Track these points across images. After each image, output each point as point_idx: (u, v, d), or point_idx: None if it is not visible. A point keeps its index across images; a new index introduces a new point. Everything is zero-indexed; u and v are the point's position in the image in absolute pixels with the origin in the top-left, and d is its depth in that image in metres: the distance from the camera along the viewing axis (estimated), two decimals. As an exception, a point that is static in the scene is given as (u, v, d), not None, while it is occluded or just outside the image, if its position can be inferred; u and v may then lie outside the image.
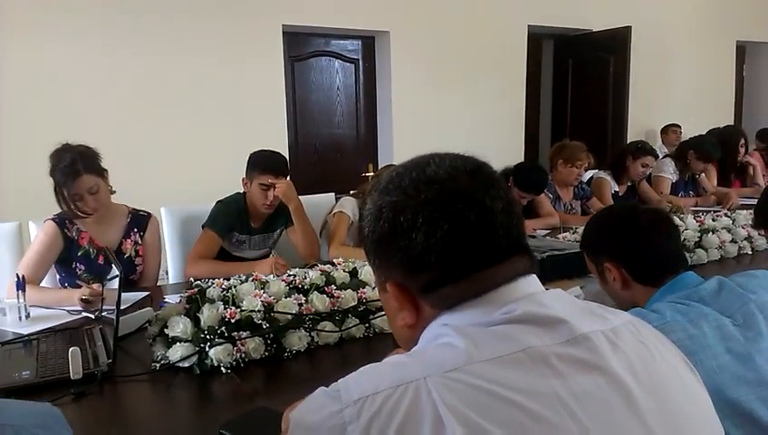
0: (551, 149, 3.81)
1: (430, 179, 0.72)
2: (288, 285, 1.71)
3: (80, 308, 1.95)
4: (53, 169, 2.14)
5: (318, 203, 2.94)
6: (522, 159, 5.25)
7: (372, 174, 4.78)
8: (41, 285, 2.17)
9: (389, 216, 0.72)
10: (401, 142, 4.91)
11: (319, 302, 1.67)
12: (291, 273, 1.79)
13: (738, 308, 1.15)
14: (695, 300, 1.17)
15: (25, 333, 1.76)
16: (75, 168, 2.13)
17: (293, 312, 1.62)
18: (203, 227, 2.51)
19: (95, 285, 2.00)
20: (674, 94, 6.54)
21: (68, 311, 1.95)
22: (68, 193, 2.13)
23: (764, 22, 7.20)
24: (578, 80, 6.05)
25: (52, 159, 2.15)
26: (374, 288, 1.73)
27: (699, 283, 1.23)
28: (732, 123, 6.96)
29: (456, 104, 5.12)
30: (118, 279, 1.53)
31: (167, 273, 2.78)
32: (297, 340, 1.58)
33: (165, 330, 1.55)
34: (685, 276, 1.27)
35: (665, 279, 1.28)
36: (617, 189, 3.82)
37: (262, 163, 2.50)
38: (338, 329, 1.66)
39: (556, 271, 1.77)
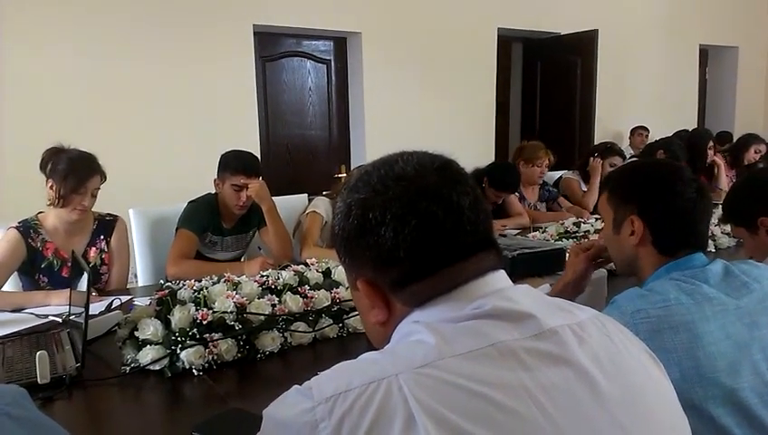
0: (513, 152, 3.89)
1: (398, 176, 0.73)
2: (261, 286, 1.71)
3: (48, 312, 1.90)
4: (62, 159, 2.11)
5: (290, 204, 2.92)
6: (492, 158, 5.31)
7: (345, 175, 4.78)
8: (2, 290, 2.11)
9: (358, 213, 0.73)
10: (374, 143, 4.92)
11: (292, 302, 1.67)
12: (264, 273, 1.79)
13: (742, 295, 1.13)
14: (700, 280, 1.14)
15: (-10, 337, 1.72)
16: (94, 165, 2.16)
17: (266, 313, 1.61)
18: (177, 228, 2.45)
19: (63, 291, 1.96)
20: (639, 96, 6.69)
21: (36, 315, 1.91)
22: (73, 184, 2.09)
23: (726, 26, 7.40)
24: (546, 81, 6.14)
25: (57, 153, 2.13)
26: (347, 288, 1.74)
27: (706, 263, 1.19)
28: (696, 125, 7.14)
29: (427, 105, 5.15)
30: (86, 281, 1.51)
31: (136, 276, 2.74)
32: (270, 341, 1.58)
33: (135, 333, 1.53)
34: (695, 256, 1.21)
35: (679, 254, 1.21)
36: (584, 189, 3.89)
37: (234, 163, 2.47)
38: (311, 329, 1.66)
39: (526, 269, 1.79)
